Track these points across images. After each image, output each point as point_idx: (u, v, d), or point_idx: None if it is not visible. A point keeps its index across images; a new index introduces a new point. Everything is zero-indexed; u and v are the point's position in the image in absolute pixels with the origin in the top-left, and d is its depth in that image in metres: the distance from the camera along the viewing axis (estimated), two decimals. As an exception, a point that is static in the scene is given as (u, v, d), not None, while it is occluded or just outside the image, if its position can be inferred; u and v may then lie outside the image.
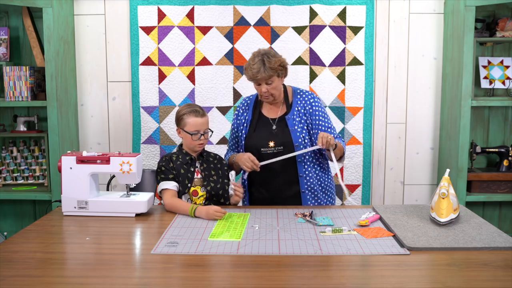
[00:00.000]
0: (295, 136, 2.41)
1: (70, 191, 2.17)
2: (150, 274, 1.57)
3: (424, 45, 3.40)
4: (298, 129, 2.43)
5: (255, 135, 2.47)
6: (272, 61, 2.31)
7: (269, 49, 2.41)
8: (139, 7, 3.36)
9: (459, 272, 1.56)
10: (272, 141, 2.42)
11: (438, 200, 1.99)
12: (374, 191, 3.51)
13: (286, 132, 2.42)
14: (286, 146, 2.40)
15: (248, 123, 2.51)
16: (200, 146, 2.36)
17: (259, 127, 2.48)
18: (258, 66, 2.30)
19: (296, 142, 2.41)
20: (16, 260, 1.67)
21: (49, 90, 3.12)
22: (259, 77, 2.31)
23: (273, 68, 2.31)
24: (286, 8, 3.33)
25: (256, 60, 2.32)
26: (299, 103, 2.47)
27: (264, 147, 2.43)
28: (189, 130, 2.32)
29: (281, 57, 2.37)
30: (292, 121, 2.44)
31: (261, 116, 2.50)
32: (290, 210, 2.24)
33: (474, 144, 3.28)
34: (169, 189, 2.29)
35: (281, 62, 2.34)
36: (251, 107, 2.54)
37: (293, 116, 2.44)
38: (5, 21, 3.41)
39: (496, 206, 3.53)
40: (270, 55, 2.33)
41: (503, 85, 3.31)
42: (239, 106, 2.61)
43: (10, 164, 3.42)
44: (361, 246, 1.77)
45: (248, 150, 2.45)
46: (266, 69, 2.30)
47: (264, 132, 2.45)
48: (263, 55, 2.33)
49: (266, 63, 2.30)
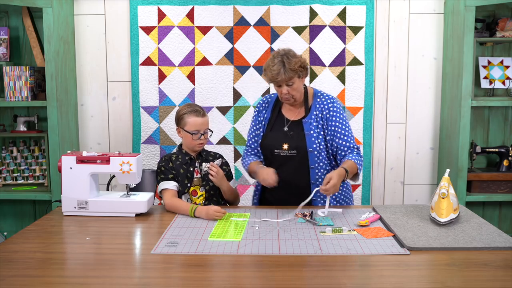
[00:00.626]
0: (310, 141, 2.32)
1: (70, 191, 2.17)
2: (150, 274, 1.57)
3: (424, 45, 3.40)
4: (314, 134, 2.33)
5: (270, 135, 2.40)
6: (292, 62, 2.22)
7: (289, 49, 2.30)
8: (139, 7, 3.36)
9: (459, 272, 1.56)
10: (286, 143, 2.34)
11: (438, 200, 1.99)
12: (374, 191, 3.51)
13: (301, 136, 2.33)
14: (299, 151, 2.32)
15: (267, 121, 2.44)
16: (200, 146, 2.36)
17: (276, 128, 2.41)
18: (278, 67, 2.21)
19: (310, 147, 2.31)
20: (16, 260, 1.67)
21: (49, 90, 3.12)
22: (279, 79, 2.22)
23: (293, 69, 2.22)
24: (286, 8, 3.33)
25: (276, 61, 2.23)
26: (318, 107, 2.38)
27: (277, 148, 2.35)
28: (189, 129, 2.32)
29: (302, 57, 2.29)
30: (309, 125, 2.34)
31: (280, 116, 2.42)
32: (290, 210, 2.24)
33: (474, 144, 3.28)
34: (169, 189, 2.29)
35: (301, 63, 2.25)
36: (271, 106, 2.46)
37: (310, 120, 2.35)
38: (5, 21, 3.41)
39: (496, 206, 3.53)
40: (290, 56, 2.24)
41: (503, 85, 3.31)
42: (259, 103, 2.52)
43: (10, 164, 3.42)
44: (361, 246, 1.77)
45: (263, 150, 2.42)
46: (286, 70, 2.20)
47: (279, 133, 2.38)
48: (283, 56, 2.23)
49: (286, 64, 2.21)
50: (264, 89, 3.39)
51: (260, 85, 3.39)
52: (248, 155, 2.51)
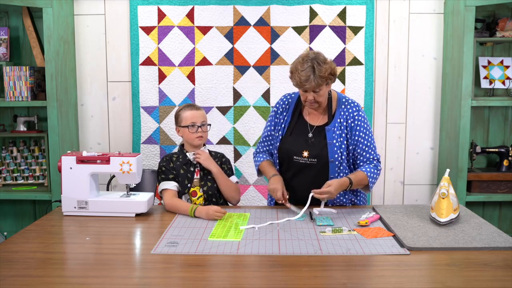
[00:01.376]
0: (332, 151, 2.20)
1: (70, 191, 2.17)
2: (150, 274, 1.57)
3: (424, 45, 3.40)
4: (337, 144, 2.21)
5: (290, 140, 2.28)
6: (323, 69, 2.09)
7: (318, 53, 2.16)
8: (139, 7, 3.36)
9: (459, 272, 1.56)
10: (306, 150, 2.23)
11: (438, 200, 1.99)
12: (374, 191, 3.51)
13: (323, 144, 2.21)
14: (320, 160, 2.21)
15: (287, 124, 2.32)
16: (199, 139, 2.35)
17: (296, 132, 2.29)
18: (307, 73, 2.07)
19: (331, 157, 2.20)
20: (16, 260, 1.67)
21: (49, 90, 3.12)
22: (307, 86, 2.10)
23: (323, 76, 2.09)
24: (286, 8, 3.33)
25: (306, 66, 2.08)
26: (342, 115, 2.25)
27: (297, 155, 2.24)
28: (185, 123, 2.33)
29: (332, 63, 2.16)
30: (332, 133, 2.22)
31: (300, 120, 2.31)
32: (290, 211, 2.24)
33: (474, 144, 3.28)
34: (169, 189, 2.29)
35: (331, 69, 2.13)
36: (292, 108, 2.33)
37: (334, 128, 2.23)
38: (5, 21, 3.41)
39: (496, 206, 3.53)
40: (320, 61, 2.11)
41: (503, 85, 3.31)
42: (278, 103, 2.38)
43: (10, 164, 3.42)
44: (361, 246, 1.77)
45: (281, 154, 2.31)
46: (316, 77, 2.08)
47: (300, 139, 2.26)
48: (312, 60, 2.09)
49: (316, 71, 2.08)
50: (264, 89, 3.39)
51: (260, 85, 3.39)
52: (260, 152, 2.45)
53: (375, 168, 2.24)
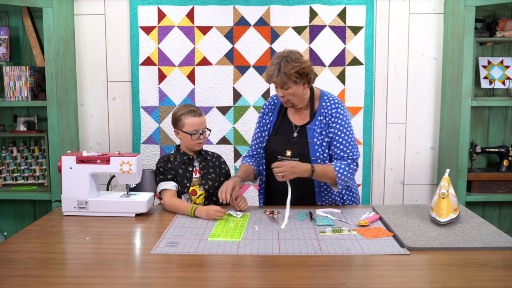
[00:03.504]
0: (313, 149, 2.23)
1: (70, 191, 2.17)
2: (150, 274, 1.57)
3: (424, 45, 3.40)
4: (318, 142, 2.24)
5: (275, 140, 2.33)
6: (288, 67, 2.11)
7: (293, 52, 2.18)
8: (139, 7, 3.36)
9: (459, 272, 1.56)
10: (289, 150, 2.26)
11: (438, 200, 1.99)
12: (374, 191, 3.51)
13: (304, 143, 2.25)
14: (302, 159, 2.22)
15: (272, 125, 2.37)
16: (199, 146, 2.36)
17: (280, 132, 2.33)
18: (273, 69, 2.13)
19: (313, 156, 2.23)
20: (16, 260, 1.67)
21: (49, 90, 3.12)
22: (272, 81, 2.17)
23: (287, 74, 2.11)
24: (286, 8, 3.33)
25: (275, 62, 2.15)
26: (322, 112, 2.27)
27: (281, 154, 2.28)
28: (187, 130, 2.32)
29: (305, 63, 2.15)
30: (313, 132, 2.25)
31: (285, 120, 2.34)
32: (290, 210, 2.24)
33: (474, 144, 3.28)
34: (168, 190, 2.29)
35: (300, 69, 2.12)
36: (277, 108, 2.38)
37: (315, 126, 2.25)
38: (5, 21, 3.41)
39: (496, 206, 3.53)
40: (290, 59, 2.13)
41: (503, 85, 3.31)
42: (265, 104, 2.45)
43: (10, 164, 3.42)
44: (361, 246, 1.77)
45: (267, 154, 2.35)
46: (280, 74, 2.12)
47: (284, 138, 2.30)
48: (282, 58, 2.14)
49: (281, 68, 2.12)
50: (264, 89, 3.39)
51: (260, 85, 3.39)
52: (247, 156, 2.50)
53: (347, 166, 2.20)
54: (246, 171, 2.38)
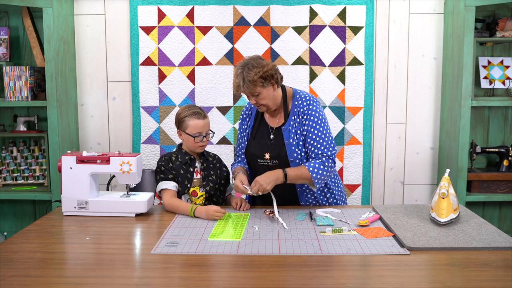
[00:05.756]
0: (290, 151, 2.23)
1: (70, 191, 2.17)
2: (150, 274, 1.57)
3: (424, 45, 3.40)
4: (294, 142, 2.23)
5: (254, 144, 2.34)
6: (251, 74, 2.10)
7: (253, 58, 2.17)
8: (139, 7, 3.36)
9: (459, 272, 1.56)
10: (268, 153, 2.27)
11: (438, 200, 1.99)
12: (374, 191, 3.51)
13: (281, 145, 2.25)
14: (280, 161, 2.24)
15: (250, 129, 2.39)
16: (201, 148, 2.36)
17: (258, 136, 2.34)
18: (238, 80, 2.13)
19: (291, 157, 2.23)
20: (16, 260, 1.67)
21: (49, 90, 3.12)
22: (240, 92, 2.16)
23: (252, 81, 2.10)
24: (286, 8, 3.33)
25: (238, 73, 2.14)
26: (296, 111, 2.26)
27: (260, 158, 2.30)
28: (191, 132, 2.31)
29: (265, 66, 2.12)
30: (288, 133, 2.24)
31: (262, 123, 2.36)
32: (290, 210, 2.24)
33: (474, 144, 3.28)
34: (168, 189, 2.28)
35: (263, 73, 2.11)
36: (254, 113, 2.39)
37: (289, 127, 2.25)
38: (5, 21, 3.41)
39: (496, 206, 3.53)
40: (250, 66, 2.12)
41: (503, 85, 3.31)
42: (243, 110, 2.47)
43: (10, 164, 3.42)
44: (361, 246, 1.77)
45: (248, 159, 2.39)
46: (246, 83, 2.11)
47: (262, 142, 2.32)
48: (244, 67, 2.13)
49: (245, 77, 2.11)
50: (264, 89, 3.39)
51: (260, 85, 3.38)
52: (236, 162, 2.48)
53: (321, 164, 2.18)
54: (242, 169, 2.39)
